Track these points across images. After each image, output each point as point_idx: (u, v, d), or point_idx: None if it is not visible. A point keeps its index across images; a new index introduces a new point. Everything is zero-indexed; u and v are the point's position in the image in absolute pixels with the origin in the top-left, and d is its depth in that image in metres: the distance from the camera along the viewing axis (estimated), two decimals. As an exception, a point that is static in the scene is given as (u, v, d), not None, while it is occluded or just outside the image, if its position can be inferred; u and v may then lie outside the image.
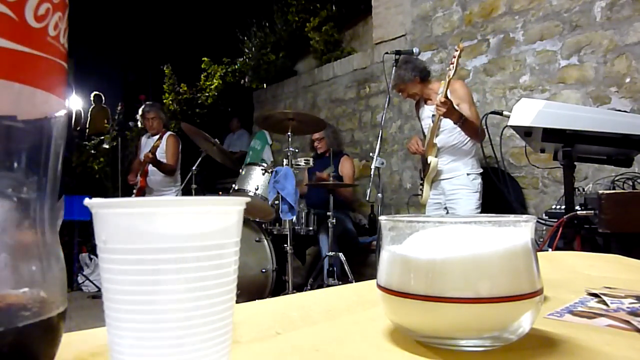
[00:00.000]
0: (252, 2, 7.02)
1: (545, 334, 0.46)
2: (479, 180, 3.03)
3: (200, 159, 4.14)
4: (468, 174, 3.01)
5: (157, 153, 4.40)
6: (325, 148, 4.19)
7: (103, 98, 7.94)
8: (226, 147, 6.41)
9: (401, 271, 0.42)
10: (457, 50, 2.77)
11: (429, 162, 3.05)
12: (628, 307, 0.55)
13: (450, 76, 2.77)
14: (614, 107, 2.94)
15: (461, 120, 2.81)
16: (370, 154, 2.96)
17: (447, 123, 2.95)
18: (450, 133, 3.03)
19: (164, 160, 4.46)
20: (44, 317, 0.30)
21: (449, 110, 2.76)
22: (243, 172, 3.46)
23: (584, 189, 2.13)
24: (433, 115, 2.98)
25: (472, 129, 2.85)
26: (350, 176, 4.16)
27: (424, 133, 3.25)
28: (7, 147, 0.29)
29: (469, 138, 3.01)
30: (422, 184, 3.18)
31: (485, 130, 1.94)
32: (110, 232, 0.29)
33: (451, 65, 2.77)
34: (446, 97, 2.77)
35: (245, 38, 6.90)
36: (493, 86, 3.78)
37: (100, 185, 6.57)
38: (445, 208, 3.10)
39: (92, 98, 7.97)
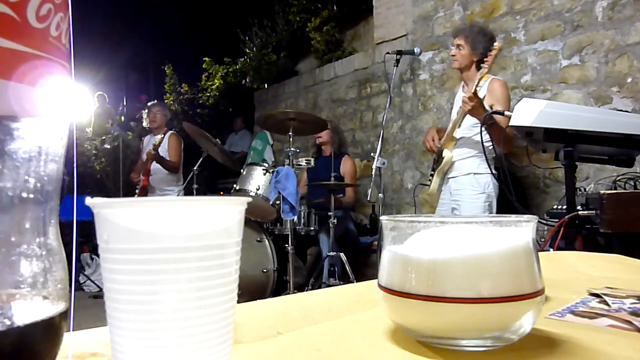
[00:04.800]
0: (254, 2, 7.02)
1: (547, 334, 0.46)
2: (487, 180, 2.80)
3: (201, 159, 4.15)
4: (475, 174, 2.82)
5: (159, 151, 4.42)
6: (328, 146, 4.19)
7: (107, 98, 7.95)
8: (228, 147, 6.41)
9: (402, 271, 0.42)
10: (494, 49, 2.56)
11: (443, 155, 2.88)
12: (629, 307, 0.54)
13: (483, 73, 2.60)
14: (615, 107, 2.94)
15: (488, 123, 2.52)
16: (372, 154, 2.95)
17: (470, 118, 2.75)
18: (469, 130, 2.83)
19: (167, 158, 4.50)
20: (46, 316, 0.30)
21: (475, 109, 2.57)
22: (244, 172, 3.46)
23: (585, 189, 2.12)
24: (460, 107, 2.79)
25: (498, 134, 2.54)
26: (351, 175, 4.16)
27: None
28: (8, 147, 0.29)
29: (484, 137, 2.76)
30: (432, 174, 3.01)
31: (485, 130, 1.92)
32: (112, 232, 0.29)
33: (486, 63, 2.59)
34: (475, 93, 2.57)
35: (247, 38, 6.90)
36: (494, 86, 3.77)
37: (102, 185, 6.57)
38: (452, 209, 2.93)
39: (95, 98, 7.98)
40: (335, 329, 0.50)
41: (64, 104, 0.32)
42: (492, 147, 2.70)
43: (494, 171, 2.59)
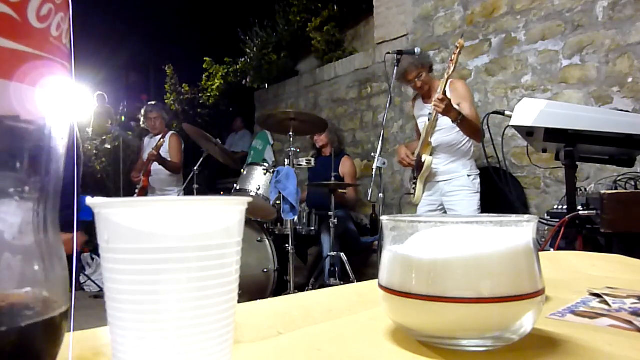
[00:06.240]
0: (254, 2, 7.02)
1: (547, 334, 0.46)
2: (478, 180, 2.99)
3: (202, 159, 4.15)
4: (469, 175, 2.97)
5: (160, 152, 4.42)
6: (328, 147, 4.22)
7: (106, 98, 7.95)
8: (228, 147, 6.41)
9: (403, 271, 0.42)
10: (457, 47, 2.72)
11: (423, 160, 2.98)
12: (630, 308, 0.54)
13: (450, 73, 2.73)
14: (616, 107, 2.94)
15: (459, 119, 2.76)
16: (372, 154, 2.96)
17: (444, 122, 2.90)
18: (447, 132, 2.96)
19: (168, 159, 4.49)
20: (47, 316, 0.30)
21: (447, 108, 2.71)
22: (245, 172, 3.46)
23: (586, 189, 2.12)
24: (429, 114, 2.92)
25: (471, 128, 2.81)
26: (352, 176, 4.16)
27: (418, 132, 3.21)
28: (9, 147, 0.29)
29: (467, 138, 2.97)
30: (414, 183, 3.11)
31: (486, 130, 1.95)
32: (113, 232, 0.30)
33: (450, 62, 2.73)
34: (444, 94, 2.72)
35: (247, 38, 6.90)
36: (495, 86, 3.77)
37: (102, 185, 6.58)
38: (442, 210, 3.05)
39: (95, 98, 7.98)
40: (336, 329, 0.50)
41: (64, 104, 0.32)
42: (471, 146, 2.98)
43: (477, 170, 2.84)
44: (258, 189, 3.32)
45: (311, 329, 0.50)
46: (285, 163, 3.19)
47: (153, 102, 4.95)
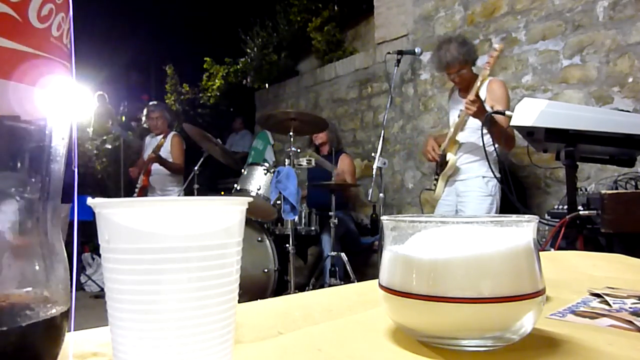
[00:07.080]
0: (255, 2, 7.02)
1: (548, 334, 0.46)
2: (494, 183, 2.85)
3: (202, 159, 4.15)
4: (483, 177, 2.86)
5: (161, 152, 4.41)
6: (327, 146, 4.22)
7: (107, 98, 7.94)
8: (229, 147, 6.41)
9: (403, 271, 0.42)
10: (495, 51, 2.63)
11: (447, 159, 2.92)
12: (630, 308, 0.54)
13: (486, 75, 2.65)
14: (616, 107, 2.93)
15: (489, 123, 2.62)
16: (372, 154, 2.95)
17: (473, 121, 2.80)
18: (474, 133, 2.85)
19: (170, 159, 4.48)
20: (47, 316, 0.30)
21: (479, 111, 2.61)
22: (245, 172, 3.46)
23: (586, 189, 2.12)
24: (461, 110, 2.83)
25: (500, 134, 2.66)
26: (351, 173, 4.16)
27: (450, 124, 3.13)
28: (10, 147, 0.29)
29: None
30: (436, 179, 3.05)
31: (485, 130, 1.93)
32: (113, 232, 0.30)
33: (487, 65, 2.65)
34: (477, 96, 2.62)
35: (248, 38, 6.90)
36: (495, 86, 3.76)
37: (103, 185, 6.58)
38: (457, 210, 2.96)
39: (95, 98, 7.98)
40: (336, 329, 0.50)
41: (65, 104, 0.32)
42: (495, 149, 2.74)
43: (497, 174, 2.63)
44: (258, 189, 3.32)
45: (311, 329, 0.50)
46: (286, 163, 3.19)
47: (155, 102, 4.94)
